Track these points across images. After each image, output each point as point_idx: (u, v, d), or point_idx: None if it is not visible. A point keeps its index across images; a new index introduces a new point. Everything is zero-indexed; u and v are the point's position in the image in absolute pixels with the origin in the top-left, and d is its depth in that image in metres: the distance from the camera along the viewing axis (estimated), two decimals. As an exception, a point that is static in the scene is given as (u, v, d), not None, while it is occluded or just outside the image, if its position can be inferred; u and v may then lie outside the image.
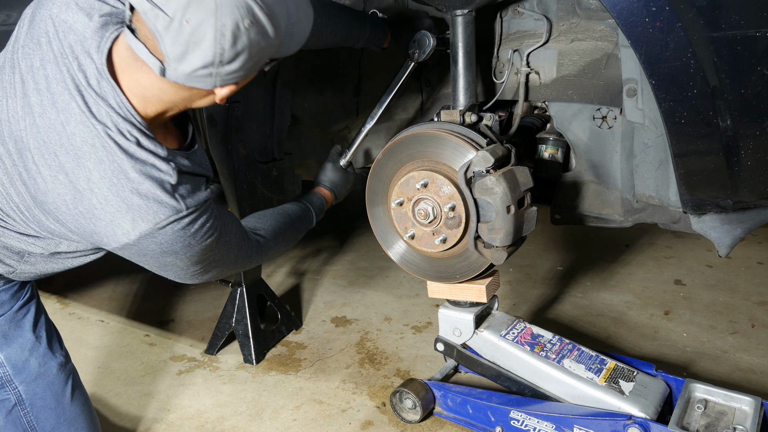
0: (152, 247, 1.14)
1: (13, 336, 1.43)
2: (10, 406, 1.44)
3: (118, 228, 1.11)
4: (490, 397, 1.85)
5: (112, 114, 1.10)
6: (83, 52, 1.10)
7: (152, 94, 1.12)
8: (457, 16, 1.69)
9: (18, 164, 1.14)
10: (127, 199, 1.09)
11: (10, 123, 1.14)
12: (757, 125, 1.34)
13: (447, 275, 1.80)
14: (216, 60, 1.03)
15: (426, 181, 1.64)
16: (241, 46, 1.03)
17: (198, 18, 0.99)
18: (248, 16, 1.01)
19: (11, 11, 2.26)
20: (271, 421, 2.07)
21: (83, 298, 3.13)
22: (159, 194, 1.11)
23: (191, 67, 1.04)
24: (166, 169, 1.13)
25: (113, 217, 1.10)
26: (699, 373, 2.20)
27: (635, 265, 3.19)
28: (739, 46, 1.24)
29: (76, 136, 1.08)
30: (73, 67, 1.10)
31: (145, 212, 1.10)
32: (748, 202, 1.57)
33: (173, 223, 1.13)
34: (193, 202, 1.16)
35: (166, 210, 1.12)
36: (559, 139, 2.02)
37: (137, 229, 1.11)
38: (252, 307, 2.43)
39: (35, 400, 1.46)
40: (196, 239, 1.18)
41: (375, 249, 3.55)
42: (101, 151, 1.09)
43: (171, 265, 1.21)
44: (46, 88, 1.11)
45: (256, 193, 2.05)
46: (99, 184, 1.09)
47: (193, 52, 1.02)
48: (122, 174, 1.09)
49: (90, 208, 1.11)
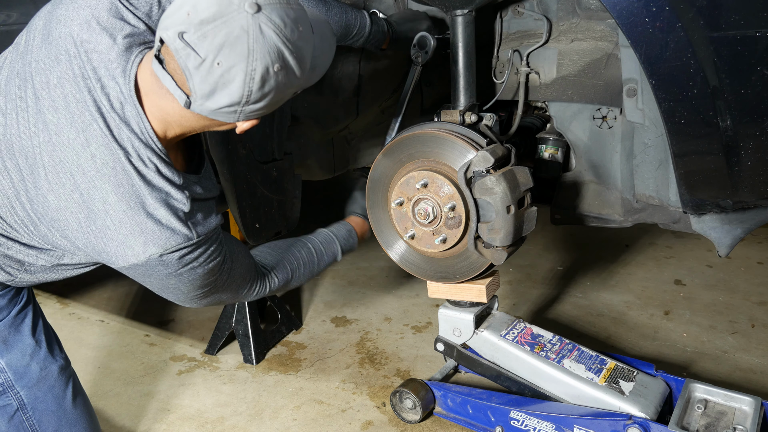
0: (158, 269, 1.17)
1: (13, 341, 1.43)
2: (12, 411, 1.43)
3: (128, 249, 1.13)
4: (490, 397, 1.85)
5: (133, 139, 1.11)
6: (108, 75, 1.11)
7: (174, 120, 1.14)
8: (457, 16, 1.69)
9: (27, 180, 1.14)
10: (142, 223, 1.11)
11: (21, 138, 1.13)
12: (757, 125, 1.34)
13: (447, 275, 1.80)
14: (243, 100, 1.05)
15: (426, 181, 1.64)
16: (269, 89, 1.05)
17: (230, 61, 1.00)
18: (279, 60, 1.03)
19: (11, 11, 2.26)
20: (271, 421, 2.07)
21: (83, 298, 3.13)
22: (173, 222, 1.14)
23: (217, 105, 1.06)
24: (180, 198, 1.16)
25: (126, 238, 1.12)
26: (699, 373, 2.20)
27: (635, 265, 3.19)
28: (739, 46, 1.24)
29: (96, 158, 1.09)
30: (96, 89, 1.10)
31: (157, 237, 1.13)
32: (748, 202, 1.57)
33: (182, 250, 1.16)
34: (203, 230, 1.19)
35: (178, 237, 1.14)
36: (559, 139, 2.02)
37: (147, 252, 1.13)
38: (252, 307, 2.43)
39: (37, 404, 1.45)
40: (202, 265, 1.21)
41: (375, 249, 3.54)
42: (121, 174, 1.10)
43: (173, 288, 1.24)
44: (64, 107, 1.10)
45: (256, 193, 2.04)
46: (115, 207, 1.10)
47: (221, 92, 1.03)
48: (139, 199, 1.11)
49: (103, 228, 1.12)
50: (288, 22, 1.03)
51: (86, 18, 1.12)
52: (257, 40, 1.00)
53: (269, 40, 1.01)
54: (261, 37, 1.00)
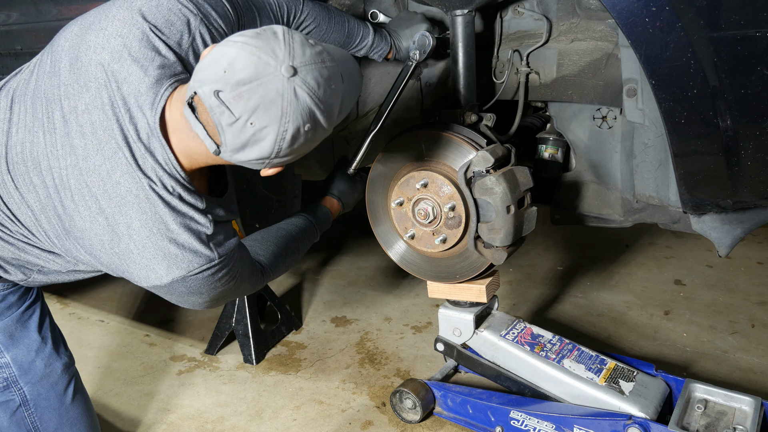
0: (180, 290, 1.20)
1: (20, 337, 1.44)
2: (14, 406, 1.44)
3: (152, 272, 1.16)
4: (490, 397, 1.85)
5: (157, 169, 1.13)
6: (136, 107, 1.12)
7: (200, 158, 1.16)
8: (457, 16, 1.69)
9: (53, 197, 1.16)
10: (165, 248, 1.14)
11: (49, 158, 1.15)
12: (757, 125, 1.34)
13: (447, 275, 1.80)
14: (272, 156, 1.07)
15: (426, 181, 1.64)
16: (298, 145, 1.08)
17: (263, 122, 1.02)
18: (310, 120, 1.05)
19: (11, 11, 2.26)
20: (271, 421, 2.07)
21: (83, 298, 3.13)
22: (195, 245, 1.16)
23: (246, 158, 1.08)
24: (204, 222, 1.18)
25: (149, 262, 1.15)
26: (699, 373, 2.20)
27: (635, 265, 3.19)
28: (739, 46, 1.24)
29: (121, 185, 1.12)
30: (124, 119, 1.11)
31: (180, 261, 1.15)
32: (748, 202, 1.57)
33: (205, 271, 1.19)
34: (224, 251, 1.22)
35: (201, 260, 1.17)
36: (559, 139, 2.02)
37: (171, 275, 1.16)
38: (252, 307, 2.43)
39: (39, 401, 1.47)
40: (221, 282, 1.25)
41: (375, 249, 3.54)
42: (144, 202, 1.12)
43: (192, 302, 1.28)
44: (91, 133, 1.12)
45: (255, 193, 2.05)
46: (139, 232, 1.13)
47: (252, 148, 1.06)
48: (163, 225, 1.13)
49: (126, 252, 1.15)
50: (322, 82, 1.05)
51: (117, 48, 1.12)
52: (291, 103, 1.02)
53: (302, 103, 1.03)
54: (295, 100, 1.02)
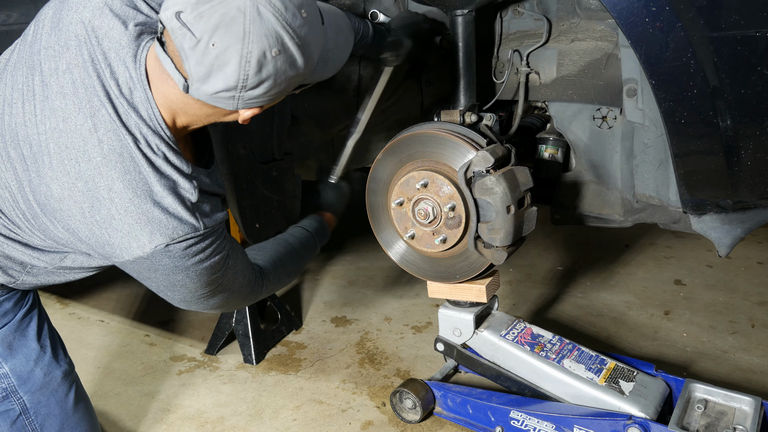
0: (164, 262, 1.14)
1: (18, 346, 1.41)
2: (14, 416, 1.43)
3: (134, 240, 1.10)
4: (490, 397, 1.85)
5: (141, 126, 1.09)
6: (118, 60, 1.09)
7: (178, 107, 1.12)
8: (457, 16, 1.69)
9: (31, 169, 1.12)
10: (149, 211, 1.09)
11: (27, 126, 1.11)
12: (757, 125, 1.34)
13: (447, 275, 1.80)
14: (239, 85, 1.02)
15: (426, 181, 1.64)
16: (266, 74, 1.02)
17: (225, 43, 0.98)
18: (277, 45, 1.00)
19: (11, 11, 2.26)
20: (271, 421, 2.07)
21: (83, 298, 3.13)
22: (180, 211, 1.11)
23: (213, 89, 1.03)
24: (188, 187, 1.13)
25: (131, 228, 1.09)
26: (699, 373, 2.20)
27: (635, 265, 3.19)
28: (739, 46, 1.24)
29: (103, 144, 1.07)
30: (105, 74, 1.08)
31: (164, 227, 1.10)
32: (748, 202, 1.57)
33: (189, 240, 1.13)
34: (210, 222, 1.17)
35: (185, 227, 1.12)
36: (559, 139, 2.02)
37: (154, 242, 1.10)
38: (252, 307, 2.43)
39: (39, 409, 1.44)
40: (208, 258, 1.19)
41: (375, 249, 3.54)
42: (128, 161, 1.07)
43: (180, 285, 1.21)
44: (72, 93, 1.08)
45: (256, 193, 2.05)
46: (121, 195, 1.08)
47: (217, 76, 1.01)
48: (146, 186, 1.08)
49: (108, 218, 1.09)
50: (290, 6, 1.00)
51: (98, 5, 1.11)
52: (254, 21, 0.97)
53: (267, 23, 0.98)
54: (258, 19, 0.98)
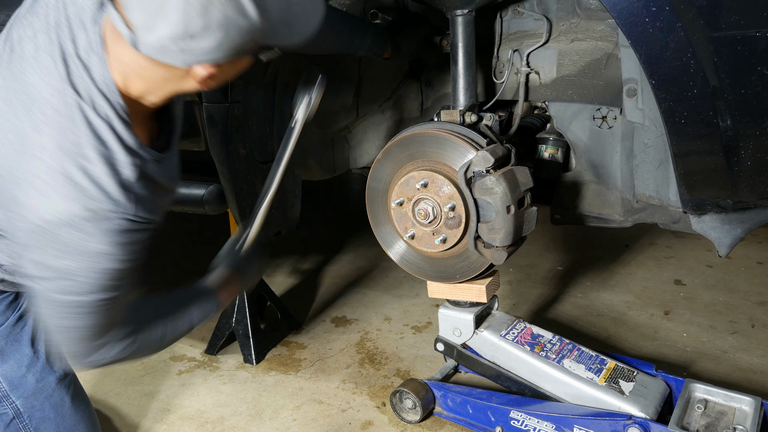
0: (69, 238, 1.00)
1: (10, 352, 1.38)
2: (8, 419, 1.40)
3: (45, 201, 0.99)
4: (490, 397, 1.85)
5: (91, 87, 1.02)
6: (78, 23, 1.04)
7: (131, 70, 1.04)
8: (457, 16, 1.69)
9: None
10: (72, 174, 0.99)
11: None
12: (757, 125, 1.34)
13: (447, 275, 1.80)
14: (185, 31, 0.94)
15: (426, 181, 1.64)
16: (213, 20, 0.94)
17: None
18: None
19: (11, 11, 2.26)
20: (271, 421, 2.07)
21: (83, 298, 3.12)
22: (108, 183, 1.01)
23: (158, 37, 0.95)
24: (128, 161, 1.03)
25: (47, 188, 0.99)
26: (699, 373, 2.20)
27: (635, 265, 3.19)
28: (739, 46, 1.24)
29: (48, 102, 1.01)
30: (64, 35, 1.04)
31: (83, 195, 0.99)
32: (748, 202, 1.57)
33: (108, 219, 1.01)
34: (142, 213, 1.04)
35: (108, 203, 1.00)
36: (559, 139, 2.02)
37: (66, 210, 0.98)
38: (252, 307, 2.43)
39: (34, 413, 1.42)
40: (120, 254, 1.04)
41: (375, 249, 3.54)
42: (67, 120, 1.00)
43: (70, 275, 1.03)
44: (32, 56, 1.04)
45: (256, 193, 2.04)
46: (50, 153, 0.99)
47: (160, 21, 0.93)
48: (78, 147, 1.00)
49: (27, 174, 0.99)
50: None
51: None
52: None
53: None
54: None
